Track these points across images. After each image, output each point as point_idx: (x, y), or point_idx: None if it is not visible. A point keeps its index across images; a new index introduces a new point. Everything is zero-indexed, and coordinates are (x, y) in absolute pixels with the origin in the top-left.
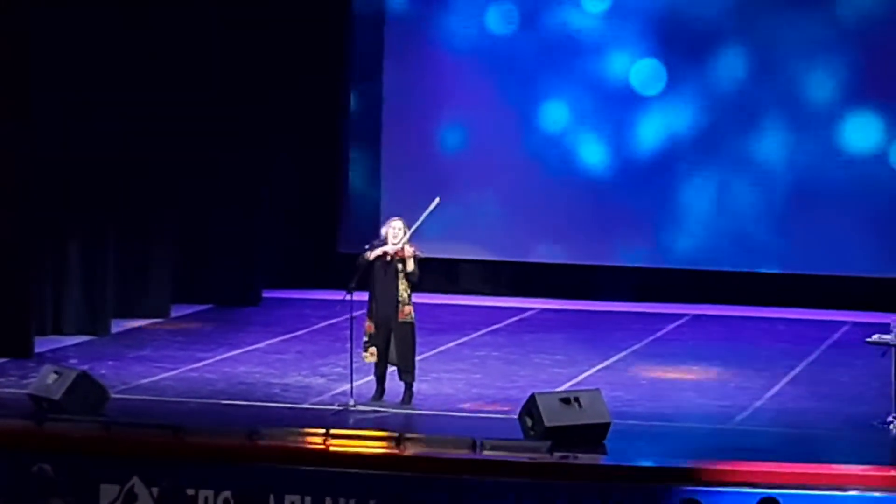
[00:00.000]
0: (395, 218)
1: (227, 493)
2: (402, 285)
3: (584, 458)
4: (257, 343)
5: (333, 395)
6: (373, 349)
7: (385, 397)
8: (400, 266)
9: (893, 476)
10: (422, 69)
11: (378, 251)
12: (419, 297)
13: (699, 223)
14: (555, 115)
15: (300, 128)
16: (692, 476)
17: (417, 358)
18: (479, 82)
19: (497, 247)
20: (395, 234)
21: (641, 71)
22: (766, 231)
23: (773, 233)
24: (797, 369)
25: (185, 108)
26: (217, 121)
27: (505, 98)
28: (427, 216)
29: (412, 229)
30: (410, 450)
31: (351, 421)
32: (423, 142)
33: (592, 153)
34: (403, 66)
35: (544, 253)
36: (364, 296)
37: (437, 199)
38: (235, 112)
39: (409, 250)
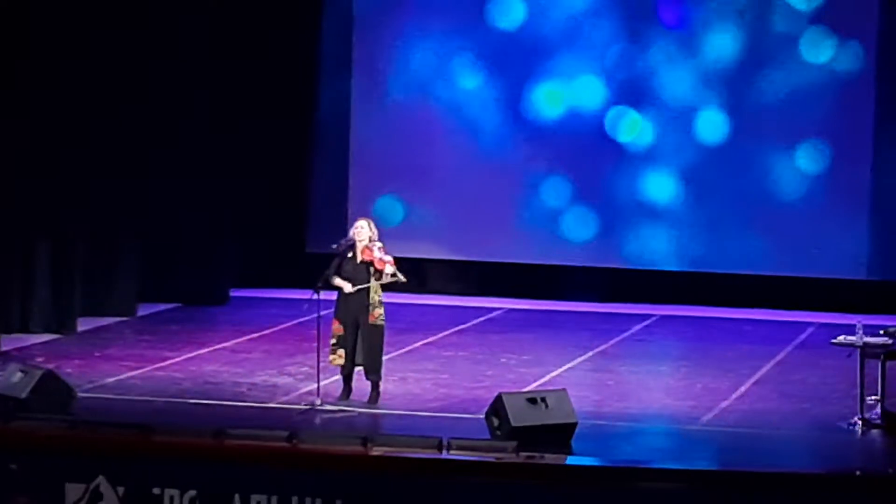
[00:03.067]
0: (360, 218)
1: (192, 493)
2: (374, 287)
3: (551, 458)
4: (224, 342)
5: (300, 395)
6: (340, 352)
7: (352, 397)
8: (372, 269)
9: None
10: (390, 67)
11: (347, 286)
12: (386, 297)
13: (667, 224)
14: (524, 115)
15: (268, 128)
16: (659, 477)
17: (384, 357)
18: (447, 81)
19: (464, 247)
20: (358, 232)
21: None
22: (735, 233)
23: (742, 235)
24: (763, 370)
25: (154, 110)
26: (185, 122)
27: (474, 97)
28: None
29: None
30: (377, 450)
31: (318, 420)
32: (390, 143)
33: (561, 152)
34: (372, 64)
35: (512, 253)
36: (332, 295)
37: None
38: (204, 112)
39: (388, 269)
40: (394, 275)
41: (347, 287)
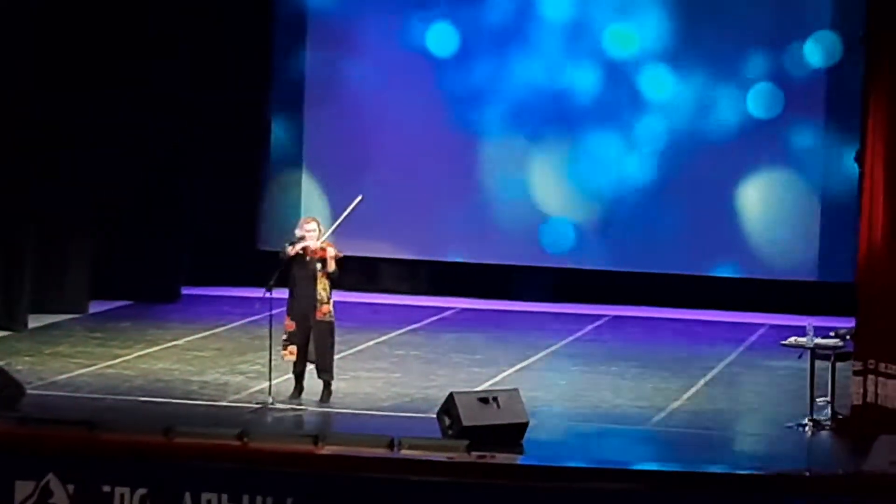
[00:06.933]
0: (310, 219)
1: (143, 491)
2: (321, 284)
3: (502, 458)
4: (176, 340)
5: (252, 393)
6: (292, 348)
7: (303, 395)
8: (319, 265)
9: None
10: (343, 66)
11: (298, 247)
12: (338, 296)
13: (618, 223)
14: (476, 113)
15: (221, 125)
16: (609, 477)
17: (336, 356)
18: (400, 85)
19: (416, 246)
20: (310, 235)
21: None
22: (684, 233)
23: (693, 235)
24: (714, 371)
25: (104, 105)
26: (137, 117)
27: (426, 96)
28: (350, 213)
29: (335, 225)
30: (328, 448)
31: (269, 419)
32: (343, 142)
33: (512, 151)
34: (324, 63)
35: (463, 252)
36: (284, 293)
37: (359, 197)
38: (156, 109)
39: (330, 251)
40: (333, 256)
41: (298, 247)
